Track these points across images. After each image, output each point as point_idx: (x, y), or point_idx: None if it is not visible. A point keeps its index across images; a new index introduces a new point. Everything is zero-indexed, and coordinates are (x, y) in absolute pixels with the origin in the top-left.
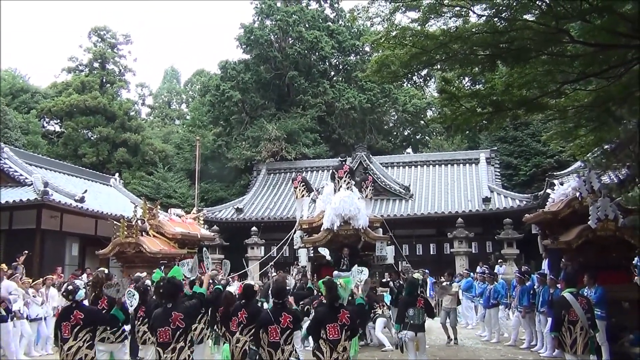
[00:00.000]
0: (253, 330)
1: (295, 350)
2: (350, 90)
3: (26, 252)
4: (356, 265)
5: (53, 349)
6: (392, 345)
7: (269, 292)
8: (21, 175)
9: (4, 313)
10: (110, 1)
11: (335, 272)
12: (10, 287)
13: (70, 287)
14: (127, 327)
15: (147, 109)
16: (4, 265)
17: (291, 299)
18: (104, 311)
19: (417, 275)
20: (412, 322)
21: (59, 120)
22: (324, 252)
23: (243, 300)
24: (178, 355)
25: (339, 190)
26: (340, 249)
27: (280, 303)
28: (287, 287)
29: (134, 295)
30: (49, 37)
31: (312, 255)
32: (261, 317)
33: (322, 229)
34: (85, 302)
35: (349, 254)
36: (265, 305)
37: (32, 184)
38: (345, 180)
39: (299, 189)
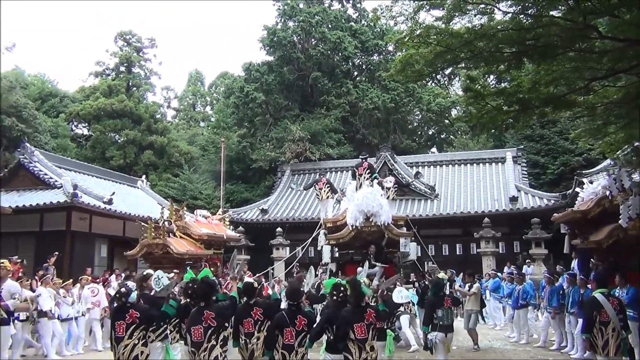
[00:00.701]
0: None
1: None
2: (373, 90)
3: (57, 253)
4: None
5: (84, 349)
6: (418, 345)
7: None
8: (51, 178)
9: (4, 315)
10: (135, 4)
11: (360, 269)
12: (12, 287)
13: (123, 290)
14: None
15: (173, 111)
16: (6, 263)
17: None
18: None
19: (442, 275)
20: (441, 323)
21: (87, 124)
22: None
23: (250, 301)
24: (209, 354)
25: (360, 187)
26: (365, 246)
27: (295, 305)
28: (302, 289)
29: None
30: (76, 43)
31: (336, 254)
32: (276, 318)
33: (346, 226)
34: None
35: (375, 251)
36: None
37: (62, 186)
38: (365, 177)
39: (323, 191)
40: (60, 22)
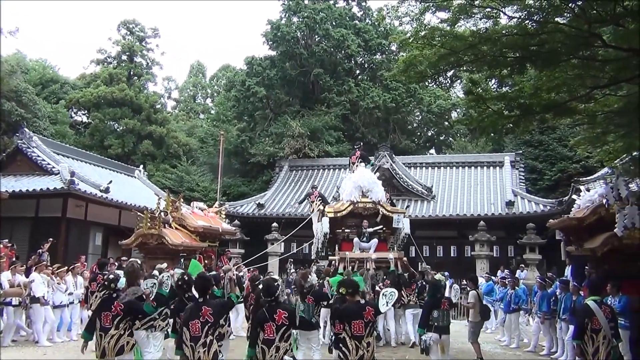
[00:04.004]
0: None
1: (292, 349)
2: (375, 89)
3: (51, 239)
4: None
5: (77, 335)
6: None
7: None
8: (49, 164)
9: None
10: None
11: (356, 240)
12: None
13: (111, 276)
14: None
15: (173, 102)
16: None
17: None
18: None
19: (439, 276)
20: (436, 324)
21: (86, 111)
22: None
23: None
24: (209, 349)
25: (353, 171)
26: (360, 222)
27: (273, 300)
28: (277, 284)
29: (154, 285)
30: (79, 29)
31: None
32: (257, 315)
33: (343, 200)
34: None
35: (368, 226)
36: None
37: (59, 173)
38: (357, 165)
39: (315, 203)
40: (64, 7)
